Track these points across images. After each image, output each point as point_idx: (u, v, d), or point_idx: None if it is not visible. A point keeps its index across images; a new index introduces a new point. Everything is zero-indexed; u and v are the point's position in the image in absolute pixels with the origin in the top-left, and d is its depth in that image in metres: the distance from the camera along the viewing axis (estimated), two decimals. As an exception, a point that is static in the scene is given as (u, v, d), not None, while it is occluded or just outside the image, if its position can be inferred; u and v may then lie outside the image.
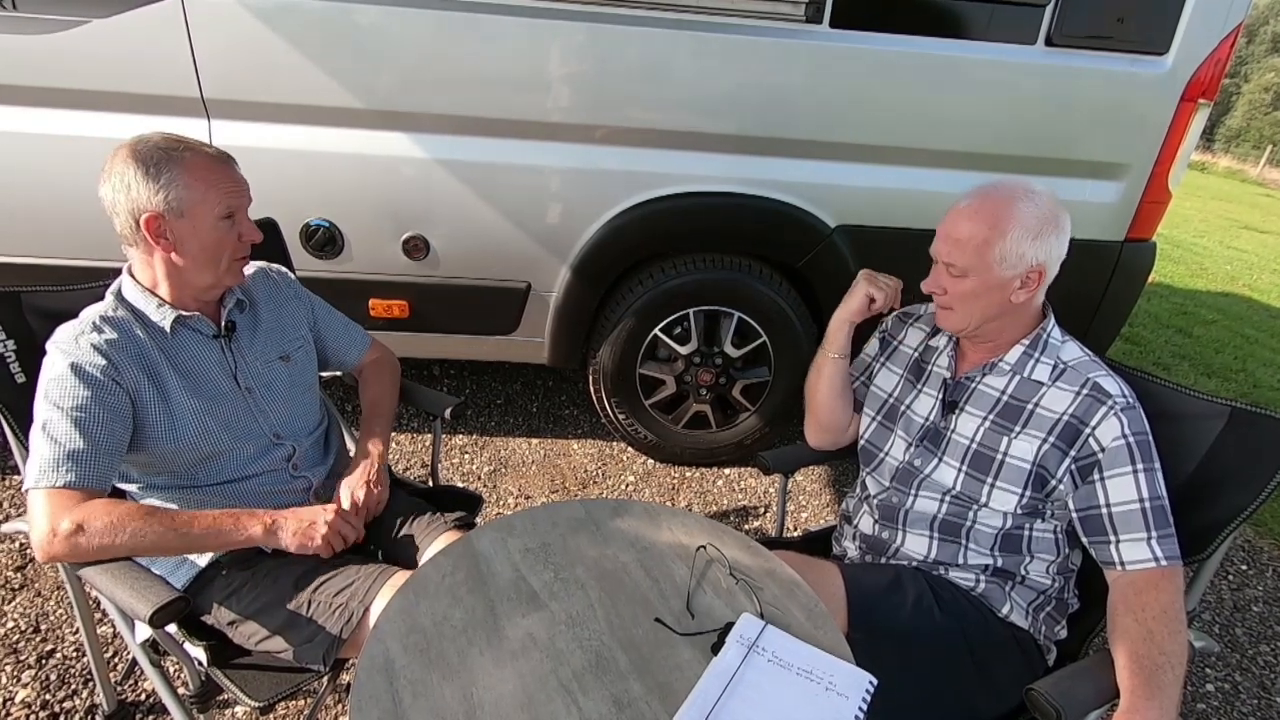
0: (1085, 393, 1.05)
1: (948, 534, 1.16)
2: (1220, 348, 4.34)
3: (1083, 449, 1.04)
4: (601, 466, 2.45)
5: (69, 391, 0.99)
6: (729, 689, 0.82)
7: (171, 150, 1.04)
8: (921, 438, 1.20)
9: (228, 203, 1.08)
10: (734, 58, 1.85)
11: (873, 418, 1.31)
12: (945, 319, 1.16)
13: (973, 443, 1.13)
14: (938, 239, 1.12)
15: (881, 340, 1.36)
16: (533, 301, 2.11)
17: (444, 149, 1.89)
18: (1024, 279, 1.07)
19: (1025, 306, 1.10)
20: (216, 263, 1.10)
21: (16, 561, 1.79)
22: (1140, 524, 0.99)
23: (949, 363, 1.21)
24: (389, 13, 1.74)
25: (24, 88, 1.73)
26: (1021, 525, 1.12)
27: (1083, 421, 1.04)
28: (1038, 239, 1.04)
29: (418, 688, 0.80)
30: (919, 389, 1.24)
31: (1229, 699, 1.76)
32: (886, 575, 1.16)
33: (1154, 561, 0.98)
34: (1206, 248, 7.97)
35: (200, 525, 1.02)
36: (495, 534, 1.05)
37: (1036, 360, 1.11)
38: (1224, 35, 1.88)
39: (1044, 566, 1.14)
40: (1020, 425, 1.09)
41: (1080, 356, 1.11)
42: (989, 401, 1.14)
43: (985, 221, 1.05)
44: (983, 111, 1.95)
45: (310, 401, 1.29)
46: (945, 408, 1.18)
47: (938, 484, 1.16)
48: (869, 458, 1.29)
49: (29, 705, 1.45)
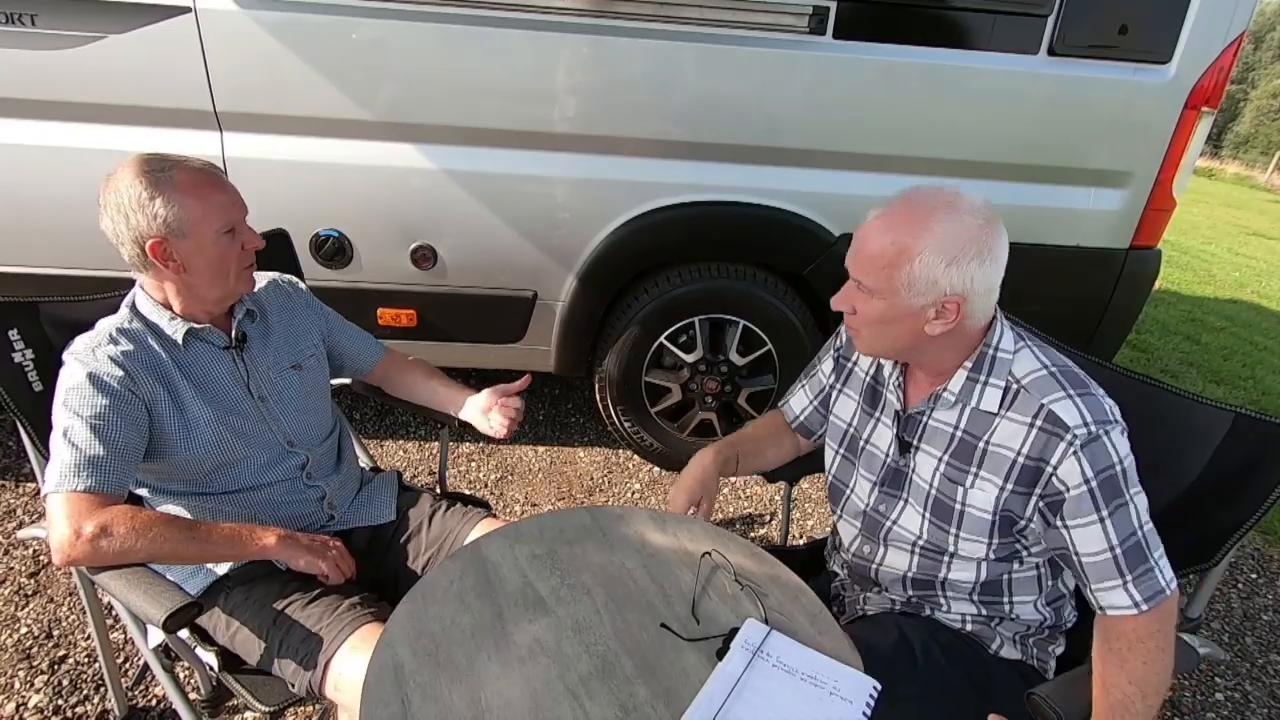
0: (1040, 425, 0.91)
1: (922, 589, 1.10)
2: (1229, 355, 4.32)
3: (1048, 487, 0.92)
4: (607, 474, 2.46)
5: (87, 400, 1.01)
6: (734, 694, 0.83)
7: (159, 173, 1.03)
8: (883, 480, 1.11)
9: (226, 217, 1.08)
10: (738, 68, 1.87)
11: (835, 450, 1.20)
12: (856, 342, 1.04)
13: (931, 488, 1.03)
14: (850, 250, 0.97)
15: (836, 361, 1.22)
16: (539, 310, 2.13)
17: (451, 160, 1.92)
18: (938, 309, 0.92)
19: (954, 334, 0.95)
20: (225, 275, 1.11)
21: (30, 568, 1.82)
22: (1113, 571, 0.90)
23: (897, 391, 1.08)
24: (397, 27, 1.77)
25: (42, 101, 1.77)
26: (999, 573, 1.04)
27: (1042, 459, 0.91)
28: (953, 265, 0.88)
29: (426, 691, 0.81)
30: (875, 419, 1.13)
31: (1239, 708, 1.75)
32: (891, 637, 1.07)
33: (1133, 608, 0.89)
34: (1215, 254, 7.94)
35: (218, 534, 1.04)
36: (503, 541, 1.06)
37: (984, 384, 0.97)
38: (1227, 43, 1.89)
39: (1031, 604, 1.07)
40: (975, 467, 0.98)
41: (1035, 370, 0.95)
42: (943, 439, 1.02)
43: (894, 237, 0.91)
44: (986, 121, 1.97)
45: (323, 410, 1.31)
46: (901, 446, 1.08)
47: (904, 534, 1.08)
48: (836, 496, 1.20)
49: (42, 710, 1.47)
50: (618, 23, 1.81)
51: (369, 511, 1.31)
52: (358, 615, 1.06)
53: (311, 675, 1.02)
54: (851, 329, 1.03)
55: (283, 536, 1.07)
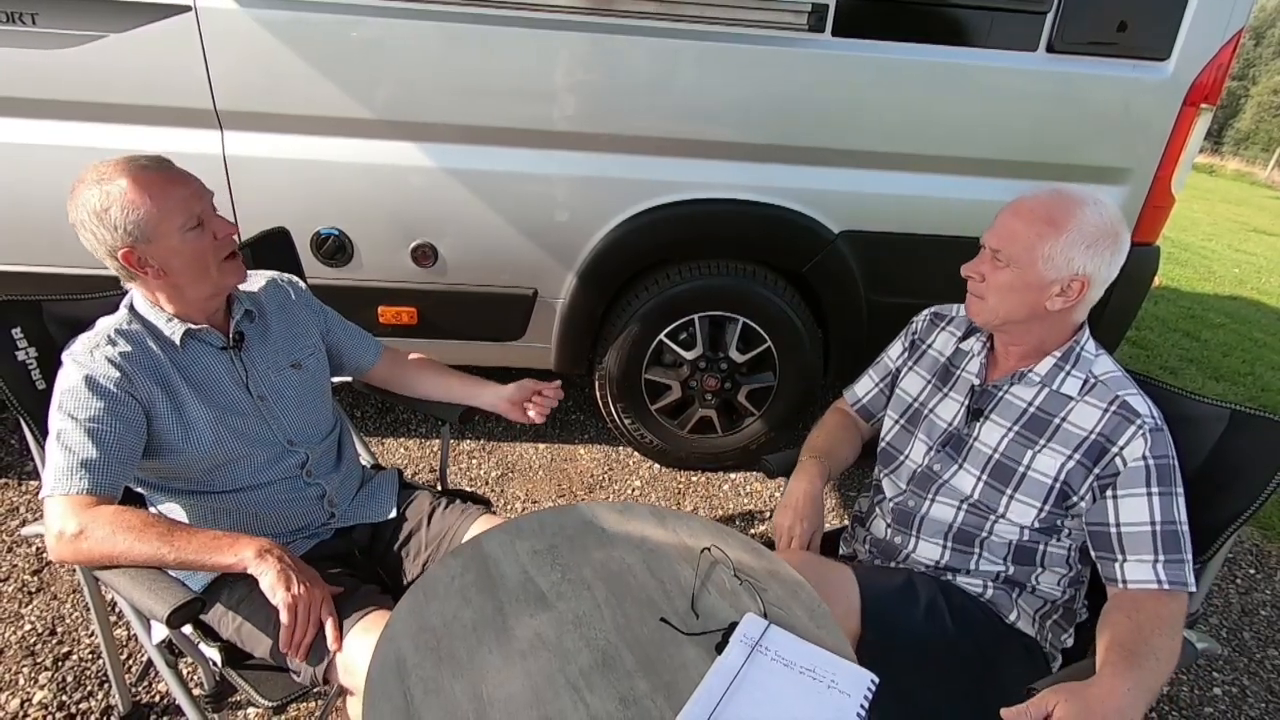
0: (1113, 410, 1.04)
1: (962, 543, 1.16)
2: (1228, 351, 4.32)
3: (1108, 467, 1.03)
4: (608, 471, 2.47)
5: (83, 403, 1.01)
6: (733, 687, 0.84)
7: (109, 181, 1.01)
8: (944, 443, 1.19)
9: (186, 211, 1.04)
10: (737, 66, 1.87)
11: (895, 420, 1.29)
12: (975, 307, 1.13)
13: (995, 452, 1.12)
14: (993, 226, 1.09)
15: (911, 343, 1.33)
16: (539, 308, 2.14)
17: (452, 158, 1.92)
18: (1065, 286, 1.04)
19: (1062, 317, 1.08)
20: (206, 270, 1.09)
21: (34, 565, 1.82)
22: (1148, 546, 0.98)
23: (979, 369, 1.19)
24: (397, 25, 1.77)
25: (43, 101, 1.77)
26: (1036, 541, 1.12)
27: (1110, 440, 1.03)
28: (1091, 249, 1.02)
29: (429, 685, 0.82)
30: (945, 393, 1.22)
31: (1236, 703, 1.76)
32: (899, 578, 1.15)
33: (1156, 583, 0.97)
34: (1215, 251, 7.94)
35: (198, 540, 0.98)
36: (503, 536, 1.06)
37: (1067, 374, 1.09)
38: (1225, 40, 1.89)
39: (1055, 579, 1.14)
40: (1045, 439, 1.08)
41: (1113, 372, 1.09)
42: (1015, 412, 1.12)
43: (1045, 216, 1.03)
44: (985, 118, 1.97)
45: (322, 408, 1.31)
46: (970, 414, 1.17)
47: (956, 490, 1.15)
48: (888, 460, 1.28)
49: (46, 706, 1.48)
50: (617, 20, 1.81)
51: (370, 509, 1.32)
52: (364, 603, 1.06)
53: (319, 664, 1.02)
54: (975, 295, 1.12)
55: (264, 550, 0.98)
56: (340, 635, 1.00)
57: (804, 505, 1.21)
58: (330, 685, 1.04)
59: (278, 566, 0.97)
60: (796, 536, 1.19)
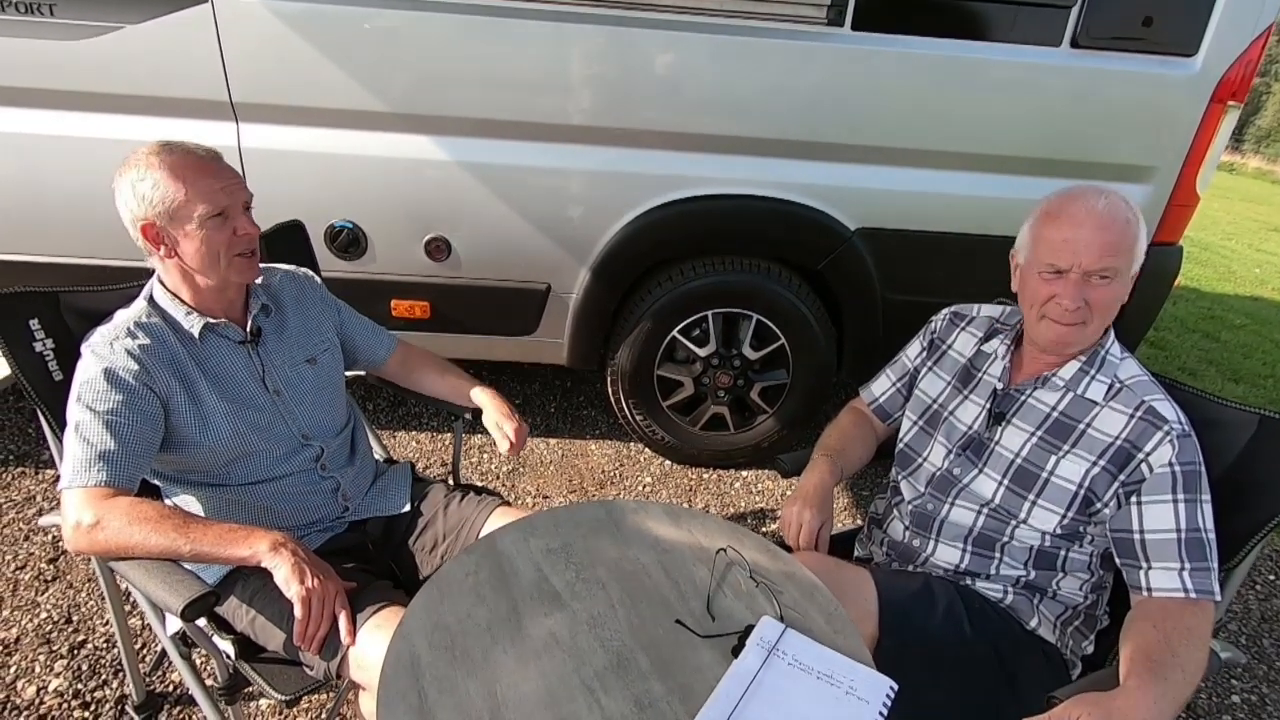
0: (1140, 416, 1.01)
1: (982, 547, 1.13)
2: (1249, 353, 4.26)
3: (1134, 473, 1.00)
4: (619, 467, 2.46)
5: (101, 395, 1.01)
6: (749, 691, 0.83)
7: (153, 157, 1.05)
8: (964, 446, 1.16)
9: (213, 201, 1.06)
10: (755, 60, 1.85)
11: (914, 422, 1.27)
12: (1073, 336, 1.05)
13: (1017, 457, 1.10)
14: (1076, 249, 1.00)
15: (930, 343, 1.30)
16: (552, 303, 2.13)
17: (466, 151, 1.91)
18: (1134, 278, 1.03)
19: None
20: (215, 261, 1.09)
21: (50, 554, 1.84)
22: (1174, 554, 0.96)
23: (1002, 372, 1.16)
24: (413, 17, 1.76)
25: (59, 91, 1.78)
26: (1058, 547, 1.10)
27: (1136, 446, 1.00)
28: (1145, 236, 1.03)
29: (443, 684, 0.81)
30: (965, 396, 1.19)
31: (1255, 711, 1.73)
32: (917, 582, 1.13)
33: (1182, 592, 0.94)
34: (1235, 250, 7.83)
35: (213, 532, 0.99)
36: (517, 534, 1.06)
37: (1092, 378, 1.07)
38: (1255, 36, 1.85)
39: (1077, 584, 1.12)
40: (1069, 445, 1.06)
41: (1138, 375, 1.06)
42: (1038, 416, 1.10)
43: (1112, 215, 0.99)
44: (1006, 114, 1.94)
45: (337, 402, 1.31)
46: (991, 418, 1.14)
47: (976, 495, 1.13)
48: (906, 462, 1.26)
49: (62, 694, 1.49)
50: (634, 14, 1.79)
51: (384, 502, 1.32)
52: (378, 598, 1.06)
53: (333, 659, 1.02)
54: (1077, 323, 1.03)
55: (278, 543, 0.98)
56: (354, 629, 1.00)
57: (814, 495, 1.20)
58: (342, 680, 1.04)
59: (292, 560, 0.97)
60: (805, 524, 1.17)
